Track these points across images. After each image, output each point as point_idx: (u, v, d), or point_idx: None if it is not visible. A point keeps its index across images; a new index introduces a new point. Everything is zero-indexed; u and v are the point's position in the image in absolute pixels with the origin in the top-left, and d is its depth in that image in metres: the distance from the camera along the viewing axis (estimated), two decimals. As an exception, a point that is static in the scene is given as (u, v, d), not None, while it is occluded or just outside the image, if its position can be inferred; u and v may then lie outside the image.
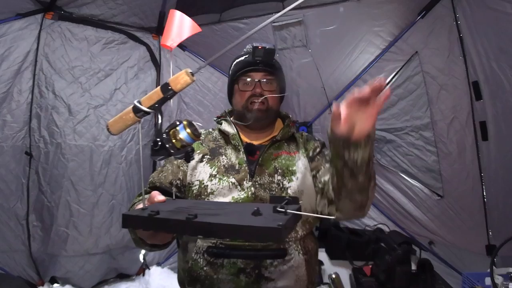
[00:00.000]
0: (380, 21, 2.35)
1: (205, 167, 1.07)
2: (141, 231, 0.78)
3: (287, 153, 1.11)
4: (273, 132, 1.18)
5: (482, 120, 2.04)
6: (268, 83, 1.11)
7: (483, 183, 2.11)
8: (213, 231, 0.61)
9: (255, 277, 0.96)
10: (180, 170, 1.10)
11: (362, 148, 0.80)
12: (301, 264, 1.01)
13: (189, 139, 0.68)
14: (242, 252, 0.98)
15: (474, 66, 2.02)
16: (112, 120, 0.72)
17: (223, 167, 1.06)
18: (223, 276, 0.97)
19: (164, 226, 0.65)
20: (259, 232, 0.58)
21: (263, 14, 2.46)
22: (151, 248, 0.90)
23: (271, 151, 1.10)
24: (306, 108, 2.88)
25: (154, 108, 0.69)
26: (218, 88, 2.87)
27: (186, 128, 0.68)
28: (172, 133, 0.68)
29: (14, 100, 2.23)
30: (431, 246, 2.43)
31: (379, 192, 2.68)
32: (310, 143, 1.16)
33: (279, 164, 1.07)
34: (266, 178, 1.04)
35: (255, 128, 1.15)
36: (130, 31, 2.60)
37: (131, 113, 0.70)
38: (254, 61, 1.09)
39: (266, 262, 0.97)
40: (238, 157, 1.08)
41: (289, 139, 1.16)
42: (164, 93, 0.68)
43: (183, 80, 0.67)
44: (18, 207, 2.30)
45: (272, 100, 1.12)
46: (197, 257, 1.00)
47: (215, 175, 1.05)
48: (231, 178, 1.04)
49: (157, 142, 0.67)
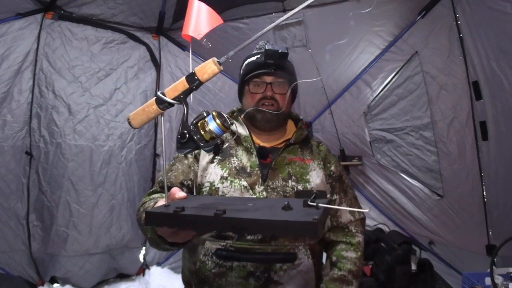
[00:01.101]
0: (380, 21, 2.35)
1: (216, 168, 1.05)
2: (162, 229, 0.74)
3: (301, 159, 1.09)
4: (286, 135, 1.16)
5: (482, 120, 2.05)
6: (279, 85, 1.09)
7: (483, 183, 2.11)
8: (245, 227, 0.58)
9: (264, 281, 0.95)
10: (191, 170, 1.07)
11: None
12: (310, 269, 1.00)
13: (219, 131, 0.65)
14: (252, 256, 0.96)
15: (474, 66, 2.02)
16: (134, 113, 0.69)
17: (234, 169, 1.04)
18: (232, 279, 0.96)
19: (191, 223, 0.62)
20: (295, 227, 0.55)
21: (263, 14, 2.47)
22: (170, 247, 0.85)
23: (285, 155, 1.08)
24: (306, 108, 2.88)
25: (179, 99, 0.66)
26: (218, 88, 2.87)
27: (216, 119, 0.65)
28: (200, 125, 0.65)
29: (14, 100, 2.24)
30: (431, 246, 2.43)
31: (379, 192, 2.68)
32: (330, 159, 1.15)
33: (293, 170, 1.05)
34: (280, 182, 1.03)
35: (266, 129, 1.13)
36: (130, 31, 2.60)
37: (154, 105, 0.67)
38: (266, 63, 1.06)
39: (276, 266, 0.96)
40: (250, 159, 1.06)
41: (302, 142, 1.14)
42: (190, 84, 0.65)
43: (210, 70, 0.64)
44: (18, 207, 2.31)
45: (282, 102, 1.09)
46: (205, 259, 0.99)
47: (226, 177, 1.02)
48: (243, 181, 1.02)
49: (185, 134, 0.64)
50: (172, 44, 2.81)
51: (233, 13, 2.48)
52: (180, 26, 2.69)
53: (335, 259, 1.06)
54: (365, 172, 2.75)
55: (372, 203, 2.70)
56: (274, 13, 2.45)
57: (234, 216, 0.58)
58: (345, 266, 1.04)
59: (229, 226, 0.60)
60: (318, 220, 0.53)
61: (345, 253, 1.06)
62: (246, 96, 1.13)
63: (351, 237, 1.08)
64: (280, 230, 0.57)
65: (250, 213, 0.61)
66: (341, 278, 1.02)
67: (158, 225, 0.71)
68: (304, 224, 0.54)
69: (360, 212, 1.14)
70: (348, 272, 1.03)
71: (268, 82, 1.08)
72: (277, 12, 2.44)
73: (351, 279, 1.02)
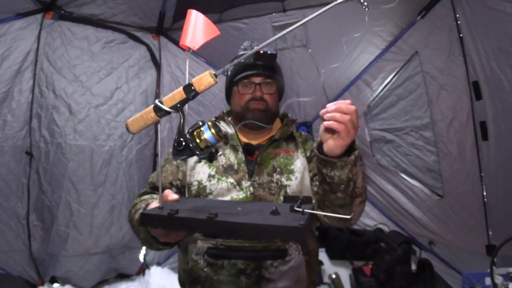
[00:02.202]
0: (380, 21, 2.35)
1: (204, 167, 1.07)
2: (156, 230, 0.78)
3: (286, 151, 1.11)
4: (272, 132, 1.18)
5: (482, 120, 2.04)
6: (268, 85, 1.11)
7: (483, 183, 2.11)
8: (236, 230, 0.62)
9: (255, 278, 0.96)
10: (180, 171, 1.10)
11: (339, 169, 0.80)
12: (301, 265, 1.01)
13: (214, 140, 0.68)
14: (242, 253, 0.97)
15: (474, 66, 2.02)
16: (132, 119, 0.72)
17: (222, 167, 1.06)
18: (224, 277, 0.97)
19: (185, 225, 0.66)
20: (281, 231, 0.59)
21: (263, 14, 2.46)
22: (163, 247, 0.89)
23: (270, 150, 1.10)
24: (306, 108, 2.88)
25: (176, 108, 0.69)
26: (218, 88, 2.86)
27: (211, 129, 0.68)
28: (196, 134, 0.68)
29: (15, 100, 2.23)
30: (431, 246, 2.43)
31: (379, 192, 2.68)
32: (309, 143, 1.15)
33: (277, 162, 1.07)
34: (265, 178, 1.04)
35: (254, 128, 1.14)
36: (130, 31, 2.59)
37: (152, 112, 0.70)
38: (255, 64, 1.08)
39: (266, 263, 0.97)
40: (237, 157, 1.08)
41: (288, 138, 1.16)
42: (187, 94, 0.68)
43: (207, 82, 0.68)
44: (18, 207, 2.30)
45: (271, 101, 1.12)
46: (197, 258, 1.00)
47: (213, 175, 1.05)
48: (230, 178, 1.04)
49: (181, 142, 0.67)
50: (172, 44, 2.81)
51: (233, 13, 2.48)
52: (180, 26, 2.70)
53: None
54: (365, 172, 2.75)
55: (372, 203, 2.70)
56: (274, 13, 2.45)
57: (225, 220, 0.62)
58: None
59: (221, 229, 0.64)
60: (303, 225, 0.57)
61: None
62: (235, 97, 1.15)
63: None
64: (268, 233, 0.62)
65: (240, 217, 0.65)
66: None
67: (153, 226, 0.74)
68: (290, 229, 0.58)
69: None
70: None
71: (257, 83, 1.10)
72: (277, 12, 2.44)
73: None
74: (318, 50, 2.54)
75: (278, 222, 0.60)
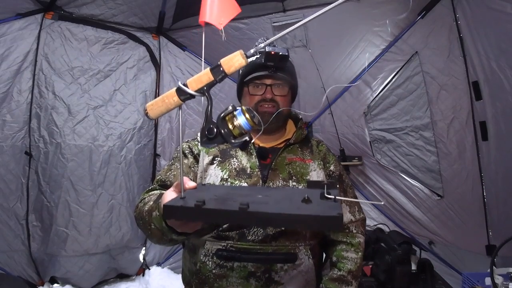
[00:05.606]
0: (380, 21, 2.35)
1: (216, 170, 1.04)
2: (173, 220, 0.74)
3: (301, 159, 1.08)
4: (286, 135, 1.15)
5: (482, 120, 2.04)
6: (279, 87, 1.07)
7: (483, 183, 2.11)
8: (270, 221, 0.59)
9: (265, 281, 0.95)
10: (191, 171, 1.06)
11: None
12: (310, 269, 1.00)
13: (247, 126, 0.63)
14: (253, 256, 0.96)
15: (474, 66, 2.02)
16: (152, 103, 0.66)
17: (235, 170, 1.03)
18: (233, 280, 0.95)
19: (214, 216, 0.61)
20: (320, 221, 0.57)
21: (263, 14, 2.46)
22: (177, 237, 0.83)
23: (285, 155, 1.08)
24: (306, 108, 2.88)
25: (203, 91, 0.63)
26: (218, 88, 2.87)
27: (245, 114, 0.63)
28: (228, 119, 0.64)
29: (14, 100, 2.23)
30: (431, 246, 2.43)
31: (379, 192, 2.68)
32: (330, 157, 1.14)
33: (294, 170, 1.05)
34: (280, 183, 1.02)
35: (265, 130, 1.10)
36: (130, 31, 2.60)
37: (175, 96, 0.64)
38: (266, 65, 1.03)
39: (277, 266, 0.96)
40: (250, 160, 1.05)
41: (302, 142, 1.14)
42: (215, 76, 0.62)
43: (238, 63, 0.61)
44: (17, 207, 2.30)
45: (282, 103, 1.08)
46: (205, 260, 0.98)
47: (226, 179, 1.02)
48: (243, 182, 1.01)
49: (213, 129, 0.63)
50: (172, 44, 2.81)
51: (233, 13, 2.48)
52: (180, 26, 2.70)
53: (335, 259, 1.06)
54: (365, 172, 2.75)
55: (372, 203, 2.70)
56: (274, 13, 2.45)
57: (259, 210, 0.59)
58: (345, 266, 1.03)
59: (254, 220, 0.61)
60: (341, 214, 0.56)
61: (345, 253, 1.06)
62: (245, 97, 1.12)
63: (352, 238, 1.08)
64: (304, 224, 0.60)
65: (273, 206, 0.62)
66: (340, 278, 1.02)
67: (178, 218, 0.71)
68: (329, 218, 0.56)
69: (360, 212, 1.14)
70: (348, 273, 1.03)
71: (268, 84, 1.07)
72: (277, 12, 2.44)
73: (350, 280, 1.02)
74: (318, 50, 2.54)
75: (314, 211, 0.58)
